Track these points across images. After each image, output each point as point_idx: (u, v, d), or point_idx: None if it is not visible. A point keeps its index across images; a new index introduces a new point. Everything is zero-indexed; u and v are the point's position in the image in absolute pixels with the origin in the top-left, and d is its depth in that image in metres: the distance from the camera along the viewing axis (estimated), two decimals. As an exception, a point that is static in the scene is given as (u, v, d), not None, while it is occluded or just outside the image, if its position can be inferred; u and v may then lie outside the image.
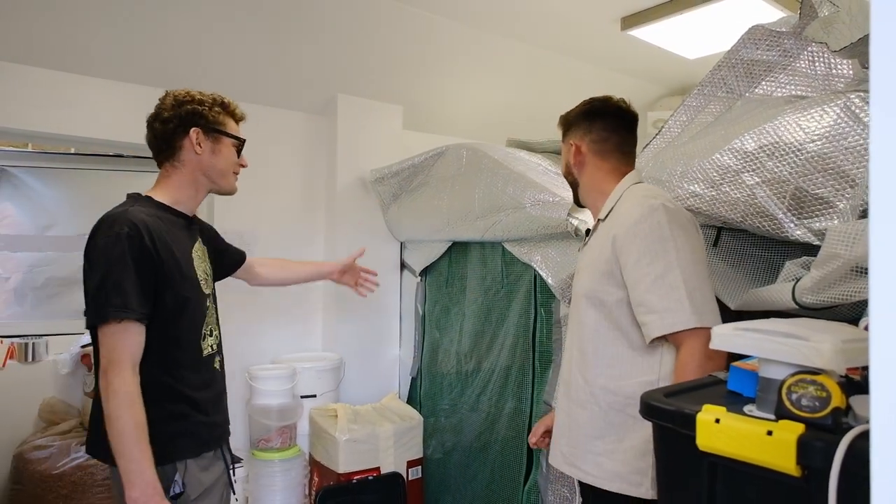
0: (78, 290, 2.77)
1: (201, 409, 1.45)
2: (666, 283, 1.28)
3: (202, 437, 1.45)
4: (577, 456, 1.43)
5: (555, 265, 2.22)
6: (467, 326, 2.74)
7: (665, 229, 1.31)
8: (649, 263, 1.30)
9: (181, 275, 1.41)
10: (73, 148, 2.84)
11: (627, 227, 1.34)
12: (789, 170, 1.47)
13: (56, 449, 2.22)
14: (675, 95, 3.87)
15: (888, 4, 0.41)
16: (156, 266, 1.34)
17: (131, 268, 1.30)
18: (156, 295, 1.35)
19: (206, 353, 1.49)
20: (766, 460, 0.75)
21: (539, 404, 2.33)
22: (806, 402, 0.76)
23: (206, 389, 1.48)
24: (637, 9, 2.87)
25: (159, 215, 1.43)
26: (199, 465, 1.43)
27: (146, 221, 1.36)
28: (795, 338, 0.79)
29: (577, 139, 1.55)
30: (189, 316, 1.44)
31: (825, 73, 1.68)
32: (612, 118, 1.54)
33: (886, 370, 0.41)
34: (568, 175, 1.60)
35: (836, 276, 1.22)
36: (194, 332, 1.46)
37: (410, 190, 2.94)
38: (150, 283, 1.33)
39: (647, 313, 1.31)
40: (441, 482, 2.80)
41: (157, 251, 1.35)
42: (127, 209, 1.39)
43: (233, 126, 1.56)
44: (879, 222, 0.41)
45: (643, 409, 0.93)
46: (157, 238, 1.36)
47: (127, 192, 1.55)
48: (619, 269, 1.36)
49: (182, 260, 1.43)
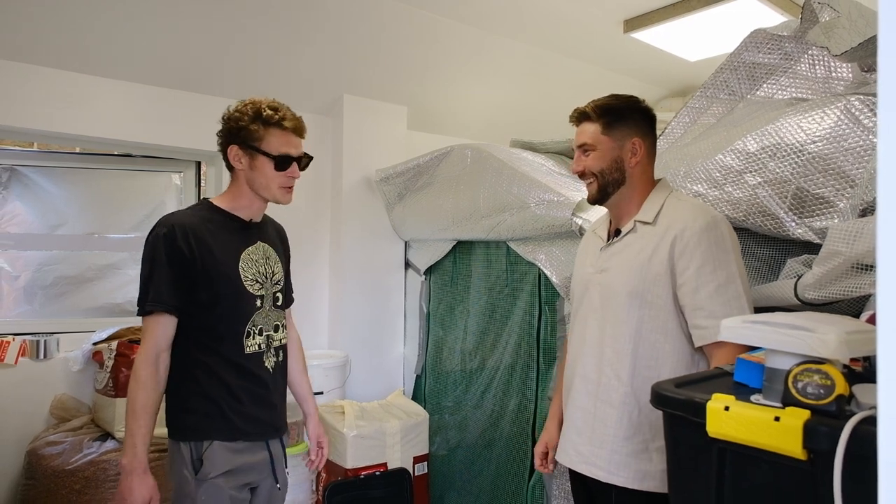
0: (86, 288, 2.82)
1: (237, 399, 1.52)
2: (729, 293, 1.32)
3: (235, 425, 1.51)
4: (601, 456, 1.42)
5: (559, 264, 2.26)
6: (472, 324, 2.78)
7: (728, 242, 1.36)
8: (713, 271, 1.33)
9: (217, 272, 1.49)
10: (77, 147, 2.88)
11: (692, 233, 1.35)
12: (791, 170, 1.51)
13: (68, 445, 2.25)
14: (677, 97, 3.91)
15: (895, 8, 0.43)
16: (188, 263, 1.46)
17: (165, 264, 1.44)
18: (193, 288, 1.47)
19: (249, 351, 1.54)
20: (773, 445, 0.79)
21: (543, 401, 2.37)
22: (811, 390, 0.80)
23: (246, 383, 1.54)
24: (640, 12, 2.92)
25: (210, 218, 1.54)
26: (229, 448, 1.51)
27: (185, 223, 1.48)
28: (802, 329, 0.83)
29: (638, 136, 1.47)
30: (223, 311, 1.51)
31: (825, 76, 1.73)
32: (652, 120, 1.53)
33: (893, 358, 0.44)
34: (612, 172, 1.47)
35: (838, 273, 1.27)
36: (231, 327, 1.52)
37: (415, 190, 2.98)
38: (182, 277, 1.45)
39: (707, 318, 1.32)
40: (446, 478, 2.84)
41: (190, 250, 1.46)
42: (177, 212, 1.56)
43: (274, 140, 1.54)
44: (887, 218, 0.44)
45: (655, 398, 0.97)
46: (195, 238, 1.47)
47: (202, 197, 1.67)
48: (673, 272, 1.37)
49: (221, 259, 1.51)
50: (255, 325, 1.56)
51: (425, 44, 3.02)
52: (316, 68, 2.92)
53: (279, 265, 1.67)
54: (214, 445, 1.49)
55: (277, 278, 1.65)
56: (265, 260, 1.62)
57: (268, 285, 1.61)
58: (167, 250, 1.44)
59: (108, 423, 2.31)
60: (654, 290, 1.39)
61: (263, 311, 1.58)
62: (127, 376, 2.28)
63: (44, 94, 2.45)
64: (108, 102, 2.60)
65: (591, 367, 1.48)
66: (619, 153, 1.47)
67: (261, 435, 1.57)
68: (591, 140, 1.49)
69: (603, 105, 1.49)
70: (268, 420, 1.58)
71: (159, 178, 3.02)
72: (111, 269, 2.90)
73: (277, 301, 1.63)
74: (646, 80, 3.78)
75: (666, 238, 1.39)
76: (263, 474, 1.60)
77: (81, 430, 2.37)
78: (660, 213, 1.44)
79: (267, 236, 1.66)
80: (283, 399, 1.67)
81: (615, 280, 1.45)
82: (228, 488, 1.51)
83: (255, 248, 1.60)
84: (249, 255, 1.58)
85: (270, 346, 1.60)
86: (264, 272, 1.61)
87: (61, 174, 2.81)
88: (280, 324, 1.64)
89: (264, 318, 1.59)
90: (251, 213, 1.61)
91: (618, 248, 1.49)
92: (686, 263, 1.35)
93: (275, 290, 1.63)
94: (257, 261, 1.60)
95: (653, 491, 1.37)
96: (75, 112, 2.52)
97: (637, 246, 1.44)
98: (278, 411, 1.63)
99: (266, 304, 1.59)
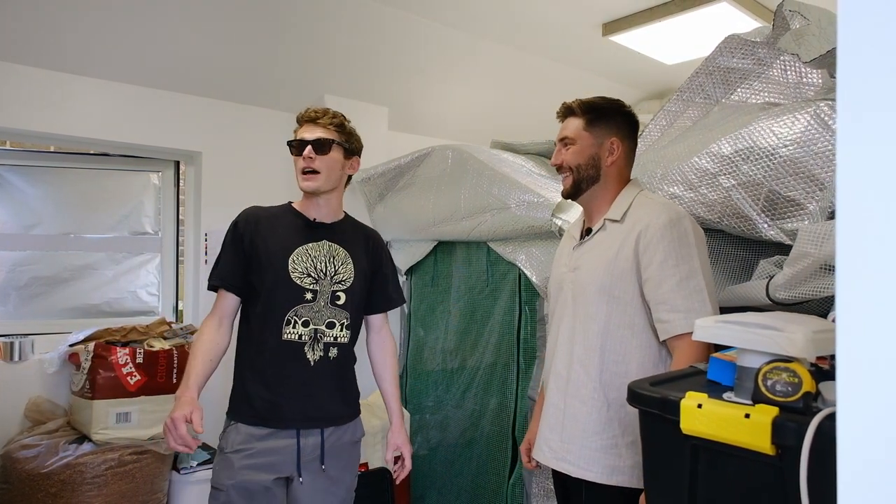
0: (62, 289, 2.78)
1: (265, 384, 1.64)
2: (691, 286, 1.35)
3: (256, 409, 1.63)
4: (571, 451, 1.45)
5: (539, 264, 2.29)
6: (452, 324, 2.79)
7: (690, 237, 1.39)
8: (675, 265, 1.36)
9: (266, 261, 1.66)
10: (52, 146, 2.83)
11: (656, 229, 1.38)
12: (763, 173, 1.55)
13: (44, 448, 2.21)
14: (654, 99, 3.97)
15: (854, 15, 0.46)
16: (244, 248, 1.68)
17: (229, 247, 1.70)
18: (249, 271, 1.68)
19: (286, 338, 1.64)
20: (743, 441, 0.82)
21: (524, 400, 2.39)
22: (780, 388, 0.83)
23: (279, 370, 1.64)
24: (618, 15, 2.96)
25: (278, 214, 1.74)
26: (251, 433, 1.62)
27: (253, 215, 1.72)
28: (771, 329, 0.86)
29: (618, 136, 1.52)
30: (265, 298, 1.65)
31: (796, 81, 1.77)
32: (635, 125, 1.58)
33: (851, 358, 0.46)
34: (588, 168, 1.51)
35: (807, 274, 1.30)
36: (271, 315, 1.65)
37: (396, 190, 2.99)
38: (241, 259, 1.68)
39: (670, 311, 1.36)
40: (427, 477, 2.85)
41: (248, 238, 1.68)
42: (256, 206, 1.79)
43: (296, 133, 1.75)
44: (846, 223, 0.46)
45: (630, 396, 0.99)
46: (256, 229, 1.69)
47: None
48: (638, 268, 1.41)
49: (273, 251, 1.67)
50: (298, 316, 1.65)
51: (406, 45, 3.03)
52: (297, 68, 2.91)
53: (348, 267, 1.73)
54: (238, 426, 1.64)
55: (341, 278, 1.72)
56: (328, 258, 1.71)
57: (325, 282, 1.69)
58: (232, 236, 1.69)
59: (85, 426, 2.28)
60: (621, 286, 1.42)
61: (316, 305, 1.67)
62: (105, 378, 2.26)
63: (20, 93, 2.41)
64: (85, 101, 2.57)
65: (562, 364, 1.51)
66: (598, 150, 1.51)
67: (287, 423, 1.64)
68: (573, 134, 1.53)
69: (588, 102, 1.54)
70: (300, 410, 1.64)
71: (137, 177, 2.98)
72: (88, 270, 2.86)
73: (338, 299, 1.70)
74: (624, 83, 3.83)
75: (631, 234, 1.42)
76: (289, 464, 1.63)
77: (57, 433, 2.33)
78: (628, 211, 1.48)
79: (340, 238, 1.76)
80: (329, 393, 1.69)
81: (585, 278, 1.49)
82: (243, 466, 1.59)
83: (317, 245, 1.71)
84: (307, 251, 1.70)
85: (319, 340, 1.67)
86: (323, 269, 1.70)
87: (36, 173, 2.77)
88: (338, 322, 1.70)
89: (315, 313, 1.67)
90: (315, 213, 1.74)
91: (588, 247, 1.53)
92: (650, 258, 1.39)
93: (335, 288, 1.70)
94: (316, 257, 1.70)
95: (623, 486, 1.40)
96: (52, 111, 2.49)
97: (606, 244, 1.48)
98: (316, 403, 1.67)
99: (320, 298, 1.68)
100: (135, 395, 2.30)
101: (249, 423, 1.63)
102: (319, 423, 1.67)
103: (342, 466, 1.72)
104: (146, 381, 2.32)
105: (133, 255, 2.95)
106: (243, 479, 1.59)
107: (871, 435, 0.45)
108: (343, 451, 1.73)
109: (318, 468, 1.66)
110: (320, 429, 1.67)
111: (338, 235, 1.75)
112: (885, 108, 0.43)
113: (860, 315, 0.45)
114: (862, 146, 0.45)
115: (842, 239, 0.46)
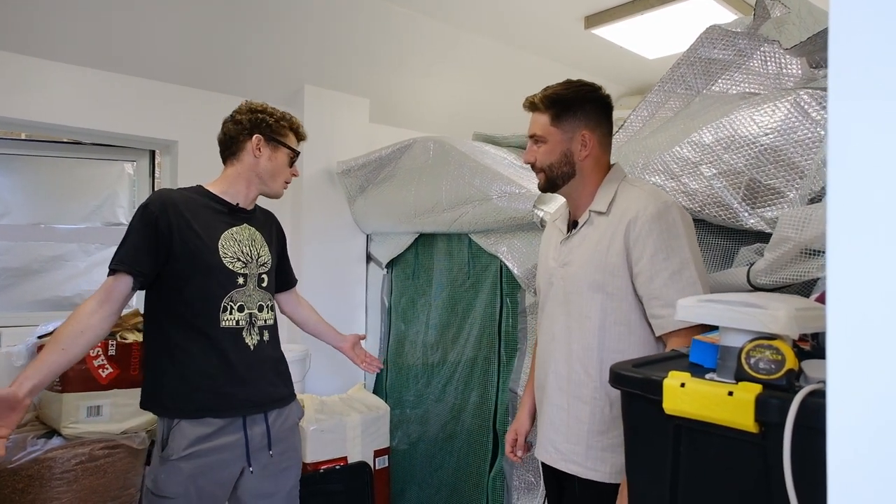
0: (32, 280, 2.70)
1: (209, 375, 1.56)
2: (684, 279, 1.31)
3: (203, 402, 1.55)
4: (579, 453, 1.41)
5: (521, 256, 2.27)
6: (433, 318, 2.77)
7: (679, 227, 1.34)
8: (666, 259, 1.32)
9: (194, 245, 1.57)
10: (23, 133, 2.75)
11: (644, 222, 1.34)
12: (744, 161, 1.55)
13: (11, 443, 2.14)
14: (635, 95, 3.99)
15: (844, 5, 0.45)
16: (161, 234, 1.55)
17: (139, 231, 1.54)
18: (169, 258, 1.56)
19: (224, 325, 1.59)
20: (727, 419, 0.81)
21: (505, 393, 2.38)
22: (763, 365, 0.82)
23: (219, 358, 1.58)
24: (600, 8, 2.96)
25: (196, 199, 1.65)
26: (197, 428, 1.54)
27: (169, 199, 1.59)
28: (753, 306, 0.85)
29: (587, 129, 1.45)
30: (199, 285, 1.58)
31: (776, 71, 1.78)
32: (607, 108, 1.49)
33: (840, 335, 0.46)
34: (562, 166, 1.46)
35: (788, 258, 1.31)
36: (206, 302, 1.58)
37: (377, 182, 2.96)
38: (152, 246, 1.54)
39: (664, 307, 1.31)
40: (407, 471, 2.83)
41: (165, 223, 1.55)
42: (166, 188, 1.71)
43: (293, 141, 1.76)
44: (836, 205, 0.45)
45: (613, 378, 0.98)
46: (177, 214, 1.57)
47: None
48: (629, 261, 1.36)
49: (200, 234, 1.59)
50: (233, 301, 1.62)
51: (388, 36, 3.00)
52: (277, 58, 2.87)
53: (266, 248, 1.75)
54: (182, 424, 1.54)
55: (263, 261, 1.73)
56: (250, 242, 1.70)
57: (252, 265, 1.69)
58: (144, 220, 1.54)
59: (55, 420, 2.22)
60: (614, 281, 1.38)
61: (246, 290, 1.65)
62: (75, 371, 2.19)
63: (-13, 77, 2.34)
64: (57, 87, 2.50)
65: (561, 364, 1.47)
66: (569, 146, 1.45)
67: (235, 411, 1.59)
68: (542, 132, 1.47)
69: (551, 95, 1.45)
70: (245, 396, 1.61)
71: (111, 166, 2.91)
72: (59, 261, 2.79)
73: (263, 282, 1.71)
74: (606, 78, 3.83)
75: (619, 227, 1.38)
76: (239, 459, 1.60)
77: (25, 427, 2.26)
78: (613, 201, 1.43)
79: (255, 221, 1.76)
80: (270, 377, 1.67)
81: (577, 274, 1.44)
82: (191, 471, 1.51)
83: (240, 229, 1.69)
84: (233, 235, 1.66)
85: (254, 325, 1.65)
86: (248, 252, 1.69)
87: (5, 161, 2.69)
88: (266, 304, 1.70)
89: (247, 297, 1.65)
90: (240, 200, 1.71)
91: (577, 241, 1.48)
92: (640, 253, 1.35)
93: (260, 271, 1.71)
94: (241, 241, 1.68)
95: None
96: (22, 96, 2.41)
97: (594, 238, 1.43)
98: (260, 388, 1.64)
99: (250, 283, 1.67)
100: (107, 388, 2.24)
101: (194, 418, 1.54)
102: (265, 406, 1.65)
103: (289, 449, 1.73)
104: (118, 373, 2.26)
105: (107, 246, 2.88)
106: (196, 487, 1.53)
107: (861, 413, 0.45)
108: (287, 435, 1.73)
109: (266, 455, 1.65)
110: (264, 415, 1.65)
111: (255, 220, 1.76)
112: (878, 88, 0.43)
113: (851, 286, 0.45)
114: (854, 125, 0.44)
115: (832, 220, 0.46)
